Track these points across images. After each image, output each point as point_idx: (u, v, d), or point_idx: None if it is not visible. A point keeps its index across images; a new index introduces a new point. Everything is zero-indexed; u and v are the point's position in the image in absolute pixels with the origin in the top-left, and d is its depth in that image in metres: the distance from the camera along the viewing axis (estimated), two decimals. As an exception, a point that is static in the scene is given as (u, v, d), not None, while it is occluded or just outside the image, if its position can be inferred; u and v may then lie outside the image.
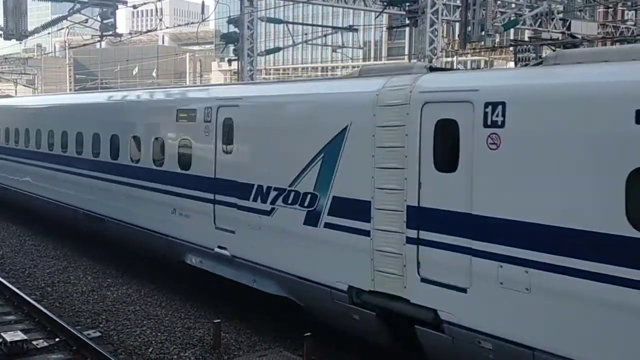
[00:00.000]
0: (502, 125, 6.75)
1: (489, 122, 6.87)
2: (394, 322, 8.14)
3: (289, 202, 9.25)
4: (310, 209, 8.95)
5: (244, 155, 10.33)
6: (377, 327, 8.31)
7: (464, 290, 7.07)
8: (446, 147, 7.30)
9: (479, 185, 6.93)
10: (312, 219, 8.94)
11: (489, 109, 6.84)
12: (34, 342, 9.91)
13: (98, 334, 10.39)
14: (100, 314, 11.45)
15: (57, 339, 10.14)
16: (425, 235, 7.47)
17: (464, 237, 7.05)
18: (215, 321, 10.00)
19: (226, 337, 10.16)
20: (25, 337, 9.79)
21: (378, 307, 8.16)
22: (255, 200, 9.87)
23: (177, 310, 11.66)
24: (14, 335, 9.75)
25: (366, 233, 8.13)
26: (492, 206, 6.82)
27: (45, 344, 9.97)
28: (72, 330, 10.13)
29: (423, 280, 7.49)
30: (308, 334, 9.07)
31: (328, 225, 8.71)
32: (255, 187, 9.83)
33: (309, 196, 8.97)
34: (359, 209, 8.21)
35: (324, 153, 8.74)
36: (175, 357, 9.61)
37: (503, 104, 6.75)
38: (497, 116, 6.77)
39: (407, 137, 7.68)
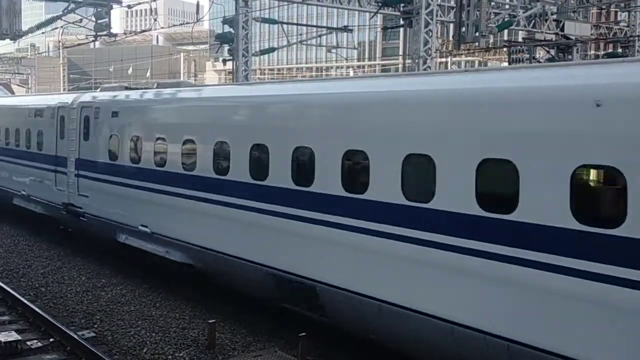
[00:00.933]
0: None
1: None
2: None
3: None
4: None
5: None
6: None
7: None
8: None
9: None
10: None
11: None
12: (28, 343, 9.91)
13: (92, 334, 10.39)
14: (95, 314, 11.43)
15: (51, 340, 10.13)
16: None
17: None
18: (210, 321, 10.01)
19: (221, 337, 10.16)
20: (20, 338, 9.78)
21: None
22: None
23: (171, 310, 11.65)
24: (8, 336, 9.74)
25: None
26: None
27: (40, 344, 9.97)
28: (66, 331, 10.13)
29: None
30: (303, 334, 9.09)
31: None
32: None
33: None
34: None
35: None
36: (170, 357, 9.61)
37: None
38: None
39: None
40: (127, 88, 15.80)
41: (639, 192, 5.95)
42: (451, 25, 26.62)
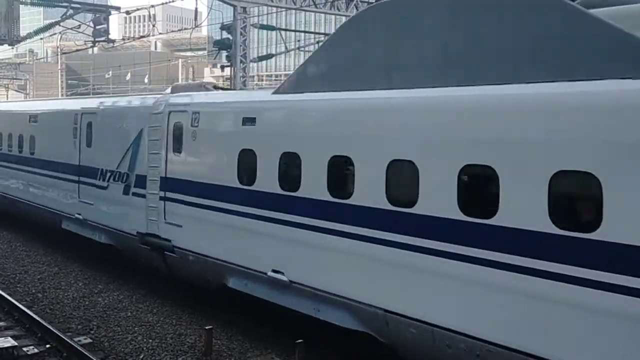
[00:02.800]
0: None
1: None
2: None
3: None
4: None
5: None
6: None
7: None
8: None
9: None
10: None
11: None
12: (25, 349, 9.88)
13: (89, 340, 10.35)
14: (91, 320, 11.41)
15: (47, 346, 10.10)
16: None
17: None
18: (206, 327, 9.97)
19: (218, 343, 10.14)
20: (16, 344, 9.75)
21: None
22: None
23: (168, 316, 11.63)
24: (4, 342, 9.71)
25: None
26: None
27: (36, 350, 9.94)
28: (62, 337, 10.09)
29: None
30: (300, 340, 9.08)
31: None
32: None
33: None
34: None
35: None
36: (166, 363, 9.59)
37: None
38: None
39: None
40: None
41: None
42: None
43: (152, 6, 24.22)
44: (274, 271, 9.55)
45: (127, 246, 13.56)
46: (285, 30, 36.28)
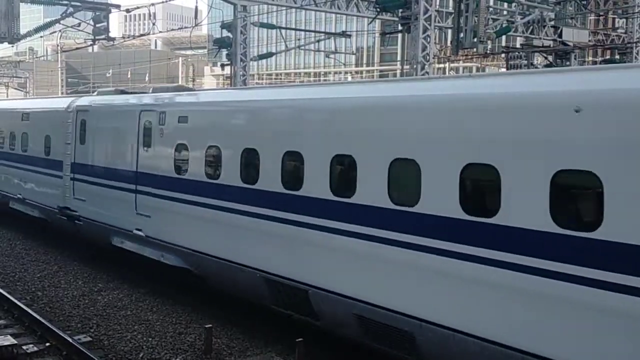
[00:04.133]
0: None
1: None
2: None
3: None
4: None
5: None
6: None
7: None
8: None
9: None
10: None
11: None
12: (24, 347, 9.88)
13: (89, 338, 10.35)
14: (91, 319, 11.40)
15: (47, 344, 10.11)
16: None
17: None
18: (206, 326, 9.97)
19: (217, 342, 10.14)
20: (15, 342, 9.73)
21: None
22: None
23: (168, 314, 11.63)
24: (3, 340, 9.69)
25: None
26: None
27: (36, 348, 9.94)
28: (62, 335, 10.09)
29: None
30: (300, 339, 9.07)
31: None
32: None
33: None
34: None
35: None
36: (166, 362, 9.58)
37: None
38: None
39: None
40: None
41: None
42: (449, 31, 26.71)
43: (152, 4, 24.18)
44: None
45: None
46: (286, 28, 36.26)
